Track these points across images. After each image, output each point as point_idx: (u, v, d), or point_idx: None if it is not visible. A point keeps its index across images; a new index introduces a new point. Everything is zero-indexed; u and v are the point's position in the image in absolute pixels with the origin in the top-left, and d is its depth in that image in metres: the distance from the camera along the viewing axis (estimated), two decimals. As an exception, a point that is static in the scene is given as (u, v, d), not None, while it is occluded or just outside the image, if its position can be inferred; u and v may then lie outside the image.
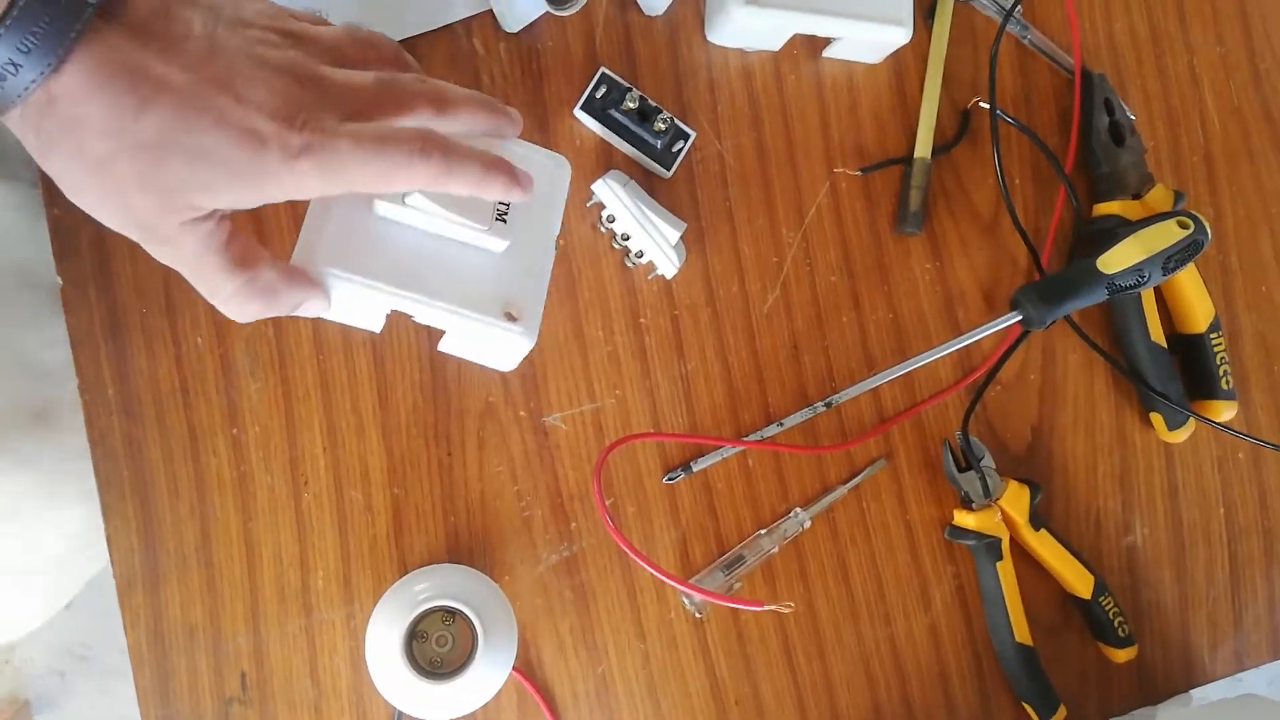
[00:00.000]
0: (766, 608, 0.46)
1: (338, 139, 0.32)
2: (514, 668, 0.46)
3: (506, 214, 0.41)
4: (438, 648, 0.43)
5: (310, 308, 0.37)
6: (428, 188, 0.36)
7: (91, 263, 0.45)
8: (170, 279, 0.45)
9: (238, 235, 0.34)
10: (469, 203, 0.39)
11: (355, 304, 0.39)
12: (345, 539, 0.46)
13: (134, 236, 0.32)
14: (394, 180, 0.33)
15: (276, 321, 0.46)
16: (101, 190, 0.31)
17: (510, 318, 0.40)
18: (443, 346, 0.42)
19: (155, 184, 0.30)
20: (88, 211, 0.32)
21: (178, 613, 0.44)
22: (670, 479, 0.50)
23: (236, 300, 0.34)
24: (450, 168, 0.34)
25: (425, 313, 0.39)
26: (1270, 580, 0.60)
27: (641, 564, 0.44)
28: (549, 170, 0.43)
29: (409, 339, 0.48)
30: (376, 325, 0.41)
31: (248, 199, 0.32)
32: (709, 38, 0.52)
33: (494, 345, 0.42)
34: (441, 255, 0.40)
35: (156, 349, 0.45)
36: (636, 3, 0.50)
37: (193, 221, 0.32)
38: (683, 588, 0.45)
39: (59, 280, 0.45)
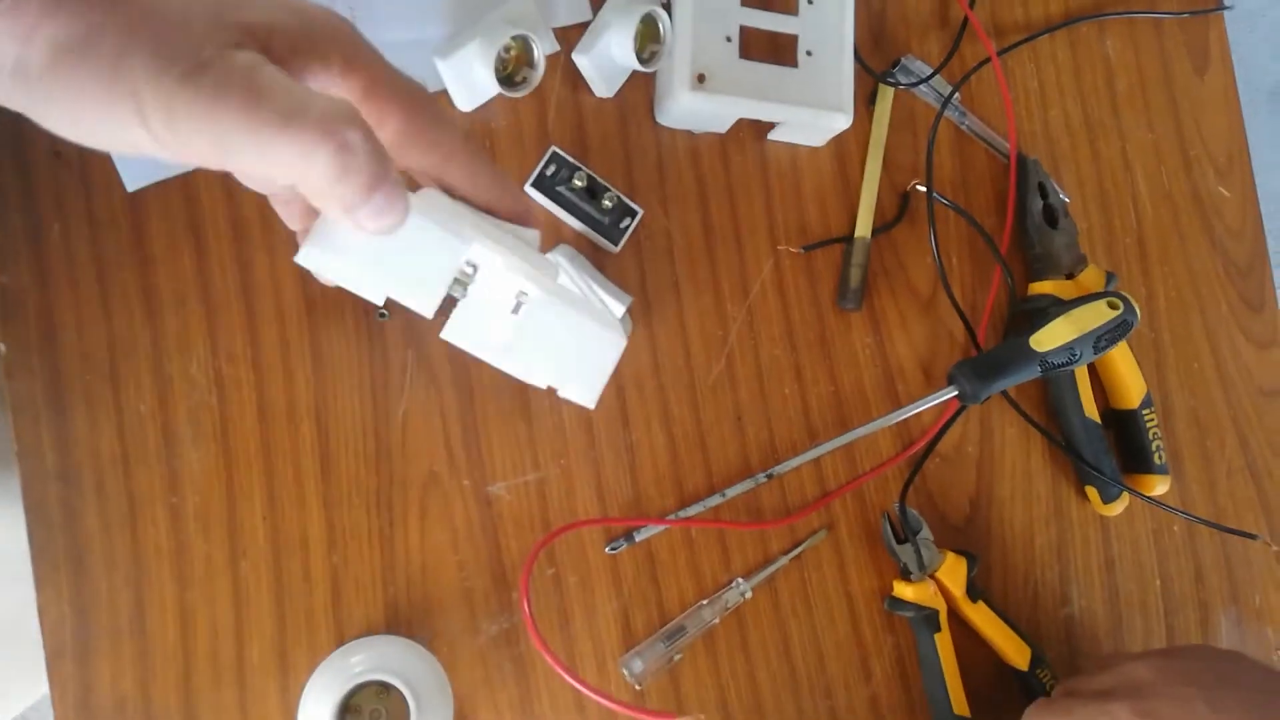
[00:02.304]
0: None
1: None
2: (449, 741, 0.45)
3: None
4: (371, 722, 0.43)
5: (387, 202, 0.28)
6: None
7: (37, 329, 0.45)
8: (116, 346, 0.46)
9: None
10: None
11: (424, 248, 0.32)
12: (282, 609, 0.46)
13: (163, 87, 0.25)
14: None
15: (220, 387, 0.46)
16: (131, 18, 0.26)
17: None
18: (495, 360, 0.36)
19: None
20: (91, 78, 0.26)
21: (108, 685, 0.44)
22: (613, 549, 0.51)
23: (311, 135, 0.26)
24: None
25: (519, 262, 0.34)
26: (1206, 652, 0.62)
27: (564, 674, 0.44)
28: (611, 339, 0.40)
29: (354, 408, 0.48)
30: (433, 295, 0.33)
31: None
32: (658, 119, 0.54)
33: (580, 340, 0.37)
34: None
35: (99, 417, 0.45)
36: (588, 85, 0.52)
37: (238, 46, 0.27)
38: (594, 695, 0.44)
39: (2, 346, 0.45)
